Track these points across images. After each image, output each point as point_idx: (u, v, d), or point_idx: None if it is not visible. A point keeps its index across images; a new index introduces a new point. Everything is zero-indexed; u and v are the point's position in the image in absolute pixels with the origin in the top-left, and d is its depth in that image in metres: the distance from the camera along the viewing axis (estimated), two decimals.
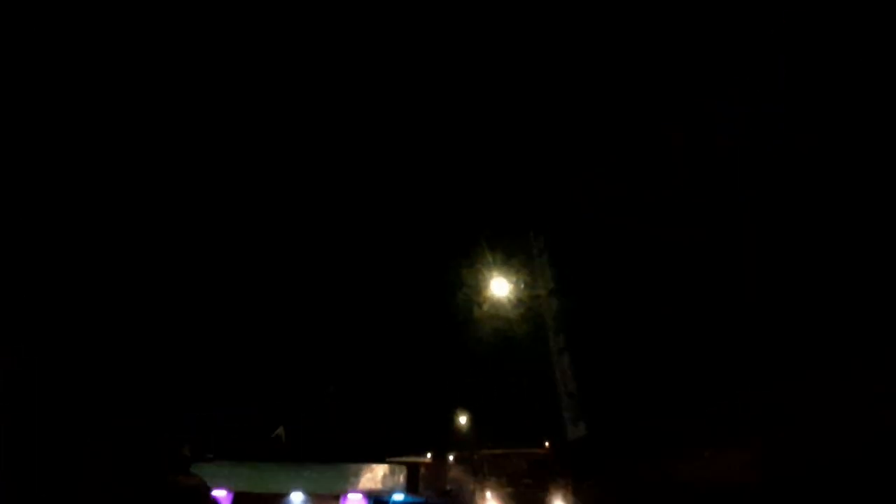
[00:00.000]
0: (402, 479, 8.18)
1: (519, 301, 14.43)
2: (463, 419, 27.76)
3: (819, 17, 6.61)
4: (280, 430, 8.94)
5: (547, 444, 16.13)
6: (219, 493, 7.34)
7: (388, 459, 8.43)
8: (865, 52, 6.56)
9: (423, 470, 10.08)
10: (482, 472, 15.84)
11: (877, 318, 6.23)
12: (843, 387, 5.79)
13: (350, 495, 7.56)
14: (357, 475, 7.65)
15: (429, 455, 19.52)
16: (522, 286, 13.52)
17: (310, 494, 7.61)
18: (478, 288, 15.11)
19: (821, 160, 6.83)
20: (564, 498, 13.46)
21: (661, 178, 9.00)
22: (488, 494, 13.80)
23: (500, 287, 14.84)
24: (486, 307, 15.15)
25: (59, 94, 9.04)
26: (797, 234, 7.35)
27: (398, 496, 8.08)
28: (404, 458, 9.09)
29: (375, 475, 7.87)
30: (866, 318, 6.40)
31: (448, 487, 11.32)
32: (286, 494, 7.59)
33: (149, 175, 10.33)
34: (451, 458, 20.97)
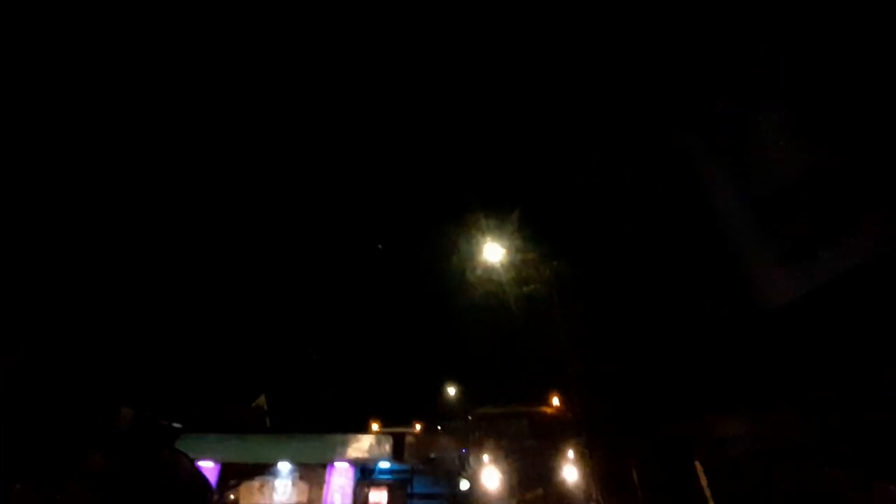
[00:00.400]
0: (388, 448, 8.31)
1: (512, 264, 14.14)
2: (452, 390, 28.18)
3: (819, 17, 6.43)
4: (262, 400, 8.96)
5: (556, 400, 15.26)
6: (206, 464, 7.43)
7: (374, 430, 8.55)
8: (865, 52, 6.39)
9: (409, 439, 10.27)
10: (476, 436, 14.31)
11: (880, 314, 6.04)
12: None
13: (337, 464, 7.69)
14: (344, 445, 7.75)
15: (417, 426, 19.87)
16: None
17: (297, 464, 7.72)
18: (470, 253, 14.83)
19: (821, 160, 6.69)
20: (582, 459, 12.79)
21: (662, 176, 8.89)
22: (485, 458, 12.84)
23: (493, 252, 14.49)
24: (479, 272, 14.87)
25: (59, 97, 8.81)
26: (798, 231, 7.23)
27: (384, 464, 8.23)
28: (391, 429, 9.24)
29: (362, 445, 7.97)
30: (868, 313, 6.26)
31: (432, 455, 11.49)
32: (273, 465, 7.69)
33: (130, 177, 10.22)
34: (439, 427, 21.31)
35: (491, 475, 12.34)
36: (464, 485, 11.47)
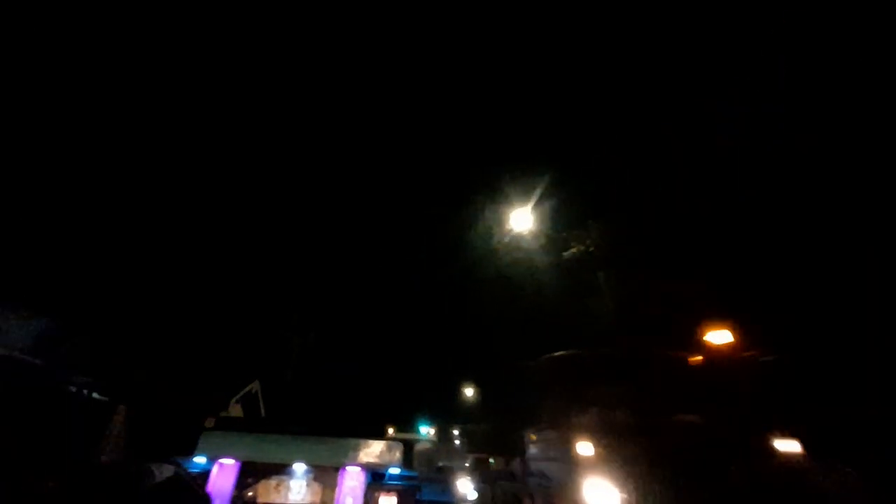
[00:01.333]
0: (398, 455, 8.59)
1: (542, 231, 12.85)
2: (469, 391, 28.04)
3: (819, 17, 6.40)
4: (255, 385, 9.31)
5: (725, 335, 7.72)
6: (227, 461, 7.95)
7: (388, 436, 8.86)
8: (865, 52, 6.35)
9: (419, 447, 10.53)
10: (536, 420, 7.50)
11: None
12: None
13: (349, 468, 8.06)
14: (356, 450, 8.11)
15: (432, 431, 20.08)
16: None
17: (311, 465, 8.15)
18: (495, 222, 13.43)
19: (821, 160, 6.69)
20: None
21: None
22: (582, 448, 5.88)
23: (522, 220, 12.37)
24: (506, 239, 13.45)
25: (64, 95, 9.29)
26: (794, 233, 7.26)
27: (394, 470, 8.53)
28: (402, 436, 9.53)
29: (373, 450, 8.30)
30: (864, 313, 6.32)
31: (440, 464, 11.44)
32: (289, 465, 8.15)
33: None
34: (455, 431, 21.44)
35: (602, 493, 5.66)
36: (470, 493, 11.01)
